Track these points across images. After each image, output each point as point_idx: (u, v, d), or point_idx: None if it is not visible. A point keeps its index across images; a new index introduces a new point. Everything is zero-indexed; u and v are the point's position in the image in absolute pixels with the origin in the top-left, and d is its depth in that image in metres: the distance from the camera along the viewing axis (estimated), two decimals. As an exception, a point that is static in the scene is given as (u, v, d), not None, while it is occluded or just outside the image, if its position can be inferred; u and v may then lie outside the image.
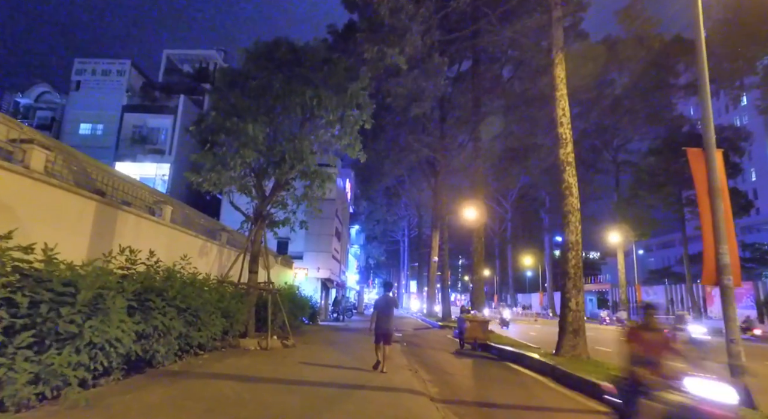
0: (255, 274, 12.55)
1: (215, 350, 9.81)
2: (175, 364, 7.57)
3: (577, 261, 11.52)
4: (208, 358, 8.80)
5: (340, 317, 29.65)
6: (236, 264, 12.94)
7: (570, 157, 12.15)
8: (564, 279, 11.51)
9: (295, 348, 11.95)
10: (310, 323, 23.14)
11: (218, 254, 13.07)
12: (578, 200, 11.97)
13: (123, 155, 31.63)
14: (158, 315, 6.34)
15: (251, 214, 12.94)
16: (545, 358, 10.73)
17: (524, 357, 11.84)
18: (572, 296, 11.28)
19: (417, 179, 43.65)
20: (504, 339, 17.68)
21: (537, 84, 30.15)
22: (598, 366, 9.54)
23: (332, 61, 12.25)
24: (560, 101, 12.45)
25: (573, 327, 11.05)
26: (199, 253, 11.66)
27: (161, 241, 9.47)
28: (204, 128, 11.09)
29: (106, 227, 7.55)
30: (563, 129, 12.28)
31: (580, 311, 11.27)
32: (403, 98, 22.71)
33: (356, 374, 8.47)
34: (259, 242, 12.73)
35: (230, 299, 10.07)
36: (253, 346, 11.02)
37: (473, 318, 15.88)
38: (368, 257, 70.09)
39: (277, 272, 20.69)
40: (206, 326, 8.42)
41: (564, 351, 10.91)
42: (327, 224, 29.15)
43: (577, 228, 11.74)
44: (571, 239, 11.63)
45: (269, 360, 9.36)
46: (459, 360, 12.82)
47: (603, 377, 8.02)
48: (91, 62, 32.63)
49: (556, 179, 12.33)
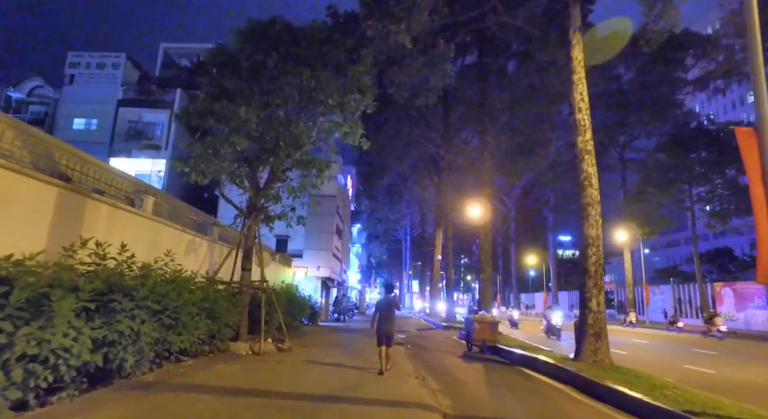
0: (248, 272, 11.64)
1: (201, 355, 8.90)
2: (150, 373, 6.66)
3: (598, 258, 10.56)
4: (191, 365, 7.88)
5: (341, 317, 28.73)
6: (228, 261, 12.04)
7: (589, 145, 11.20)
8: (583, 277, 10.55)
9: (291, 352, 11.03)
10: (309, 323, 22.24)
11: (209, 250, 12.15)
12: (598, 192, 11.01)
13: (118, 150, 30.75)
14: (125, 318, 5.40)
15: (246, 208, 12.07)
16: (564, 364, 9.79)
17: (539, 362, 10.90)
18: (593, 295, 10.32)
19: (420, 176, 42.71)
20: (513, 340, 16.75)
21: (543, 79, 29.26)
22: (625, 374, 8.60)
23: (332, 41, 11.32)
24: (578, 85, 11.50)
25: (594, 329, 10.10)
26: (186, 249, 10.74)
27: (141, 235, 8.56)
28: (192, 113, 10.16)
29: (72, 218, 6.63)
30: (581, 115, 11.33)
31: (602, 312, 10.31)
32: (407, 90, 21.72)
33: (358, 383, 7.55)
34: (253, 238, 11.80)
35: (218, 299, 9.14)
36: (244, 350, 10.10)
37: (482, 319, 14.94)
38: (370, 256, 69.18)
39: (275, 270, 19.77)
40: (189, 329, 7.49)
41: (584, 356, 9.96)
42: (327, 222, 28.24)
43: (598, 222, 10.79)
44: (590, 234, 10.68)
45: (260, 366, 8.43)
46: (468, 364, 11.88)
47: (641, 390, 7.10)
48: (85, 55, 31.74)
49: (574, 169, 11.36)
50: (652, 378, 8.15)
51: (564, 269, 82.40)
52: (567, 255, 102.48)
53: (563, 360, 10.50)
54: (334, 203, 28.63)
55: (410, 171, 42.30)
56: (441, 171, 34.33)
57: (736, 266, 51.30)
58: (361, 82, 11.48)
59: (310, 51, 10.73)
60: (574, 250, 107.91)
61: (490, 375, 10.04)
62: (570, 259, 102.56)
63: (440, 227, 36.71)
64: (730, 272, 50.40)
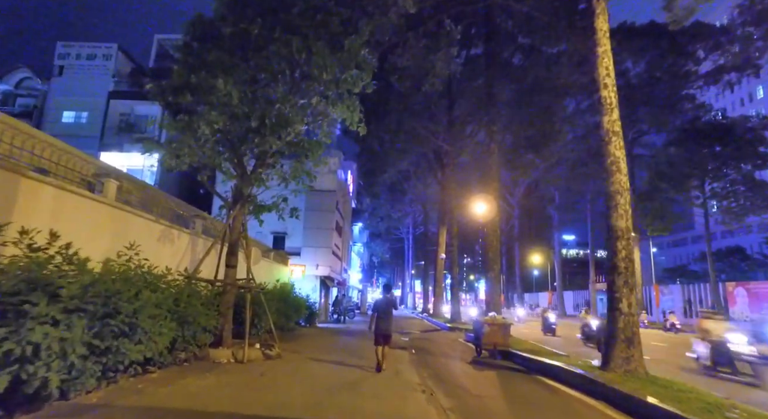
0: (233, 269, 10.38)
1: (174, 365, 7.65)
2: (97, 392, 5.41)
3: (629, 252, 9.28)
4: (155, 378, 6.63)
5: (341, 318, 27.46)
6: (211, 257, 10.81)
7: (616, 125, 9.93)
8: (612, 275, 9.27)
9: (280, 358, 9.78)
10: (307, 325, 21.00)
11: (190, 244, 10.90)
12: (627, 178, 9.73)
13: (108, 144, 29.55)
14: (41, 325, 4.15)
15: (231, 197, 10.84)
16: (592, 374, 8.51)
17: (561, 371, 9.63)
18: (623, 295, 9.04)
19: (423, 173, 41.50)
20: (524, 343, 15.47)
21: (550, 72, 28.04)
22: (667, 388, 7.33)
23: (326, 10, 10.04)
24: (603, 59, 10.23)
25: (625, 334, 8.81)
26: (161, 242, 9.49)
27: (100, 224, 7.32)
28: (166, 88, 8.91)
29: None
30: (608, 92, 10.05)
31: (634, 314, 9.03)
32: (410, 77, 20.50)
33: (353, 401, 6.31)
34: (239, 230, 10.56)
35: (192, 299, 7.89)
36: (226, 358, 8.85)
37: (493, 321, 13.65)
38: (372, 255, 67.96)
39: (269, 268, 18.54)
40: (152, 336, 6.24)
41: (615, 365, 8.68)
42: (327, 218, 26.98)
43: (627, 212, 9.50)
44: (619, 226, 9.39)
45: (239, 379, 7.17)
46: (480, 372, 10.62)
47: (696, 411, 5.82)
48: (75, 46, 30.53)
49: (599, 153, 10.09)
50: (702, 395, 6.87)
51: (569, 268, 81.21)
52: (571, 255, 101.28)
53: (590, 369, 9.21)
54: (334, 199, 27.37)
55: (413, 167, 41.10)
56: (444, 167, 33.09)
57: (748, 265, 49.96)
58: (359, 57, 10.22)
59: (301, 18, 9.47)
60: (578, 249, 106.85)
61: (507, 387, 8.78)
62: (575, 258, 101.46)
63: (444, 224, 35.43)
64: (741, 271, 49.09)
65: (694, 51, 37.07)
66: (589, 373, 8.59)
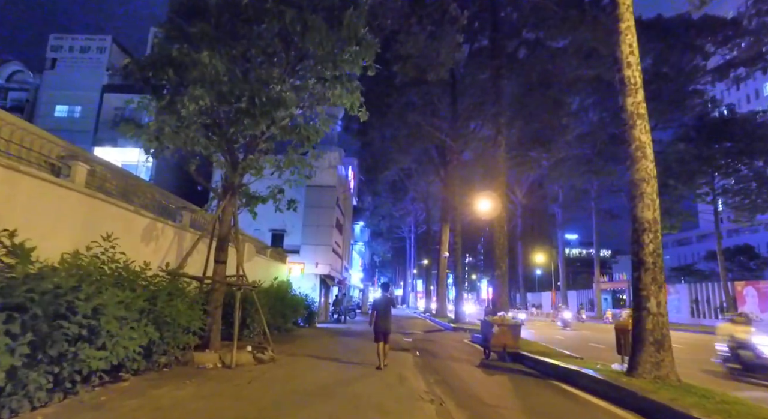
0: (222, 265, 9.55)
1: (151, 371, 6.81)
2: (52, 406, 4.57)
3: (656, 246, 8.41)
4: (127, 388, 5.80)
5: (341, 318, 26.59)
6: (200, 252, 9.99)
7: (641, 107, 9.05)
8: (638, 271, 8.40)
9: (273, 363, 8.93)
10: (306, 325, 20.16)
11: (177, 239, 10.05)
12: (653, 165, 8.86)
13: (103, 139, 28.77)
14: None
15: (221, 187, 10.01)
16: (618, 381, 7.64)
17: (580, 376, 8.77)
18: (651, 293, 8.17)
19: (425, 170, 40.63)
20: (534, 345, 14.63)
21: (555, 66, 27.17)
22: (709, 398, 6.45)
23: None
24: (625, 35, 9.35)
25: (654, 336, 7.94)
26: (143, 236, 8.64)
27: (66, 213, 6.46)
28: (144, 64, 8.06)
29: None
30: (631, 71, 9.18)
31: (663, 314, 8.15)
32: (413, 67, 19.64)
33: (354, 415, 5.45)
34: (229, 223, 9.72)
35: (174, 298, 7.04)
36: (212, 363, 8.01)
37: (502, 322, 12.80)
38: (373, 254, 67.13)
39: (266, 266, 17.69)
40: (120, 340, 5.40)
41: (643, 371, 7.81)
42: (327, 214, 26.11)
43: (654, 201, 8.64)
44: (646, 217, 8.52)
45: (223, 389, 6.32)
46: (490, 377, 9.76)
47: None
48: (68, 38, 29.74)
49: (622, 138, 9.21)
50: (752, 408, 6.01)
51: (572, 268, 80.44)
52: (574, 254, 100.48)
53: (613, 374, 8.35)
54: (334, 195, 26.49)
55: (415, 165, 40.27)
56: (447, 164, 32.25)
57: (757, 264, 49.00)
58: (359, 34, 9.36)
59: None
60: (581, 248, 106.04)
61: (522, 395, 7.91)
62: (577, 258, 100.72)
63: (447, 222, 34.55)
64: (750, 270, 48.14)
65: (702, 45, 36.17)
66: (615, 380, 7.72)
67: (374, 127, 30.27)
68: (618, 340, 10.49)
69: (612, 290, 64.29)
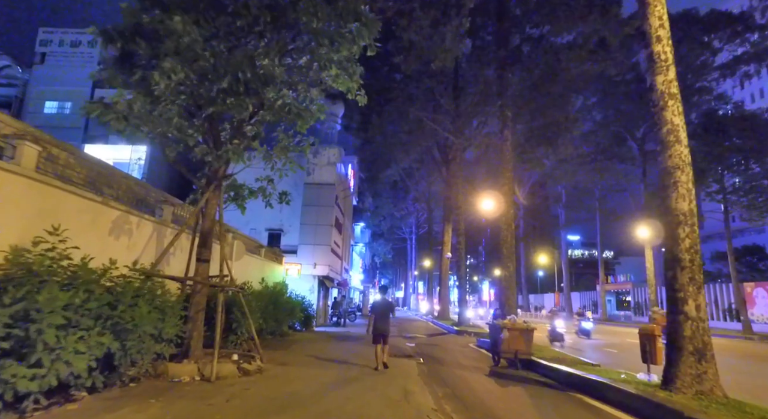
0: (206, 264, 8.56)
1: (113, 386, 5.82)
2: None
3: (694, 241, 7.43)
4: (75, 411, 4.80)
5: (340, 321, 25.57)
6: (184, 250, 9.05)
7: (673, 87, 8.07)
8: (673, 269, 7.40)
9: (261, 374, 7.93)
10: (303, 329, 19.16)
11: (155, 235, 9.06)
12: (688, 150, 7.87)
13: (94, 136, 27.83)
14: None
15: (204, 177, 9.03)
16: (655, 396, 6.64)
17: (607, 388, 7.77)
18: (689, 295, 7.17)
19: (427, 169, 39.71)
20: (546, 350, 13.65)
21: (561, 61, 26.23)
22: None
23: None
24: (655, 6, 8.36)
25: (694, 344, 6.94)
26: (114, 231, 7.65)
27: (12, 202, 5.47)
28: (113, 34, 7.08)
29: None
30: (661, 46, 8.19)
31: (704, 319, 7.15)
32: (416, 57, 18.68)
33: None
34: (213, 217, 8.74)
35: (140, 302, 6.05)
36: (189, 375, 7.01)
37: (513, 326, 11.80)
38: (374, 256, 66.11)
39: (260, 266, 16.71)
40: (61, 353, 4.41)
41: (682, 384, 6.81)
42: (325, 213, 25.10)
43: (690, 191, 7.66)
44: (681, 208, 7.54)
45: (193, 409, 5.32)
46: (504, 388, 8.76)
47: None
48: (58, 32, 28.77)
49: (651, 121, 8.22)
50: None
51: (575, 269, 79.45)
52: (576, 255, 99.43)
53: (647, 387, 7.34)
54: (333, 193, 25.48)
55: (416, 164, 39.33)
56: (450, 162, 31.29)
57: (766, 265, 47.95)
58: (357, 8, 8.38)
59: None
60: (584, 250, 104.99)
61: (545, 412, 6.91)
62: (580, 259, 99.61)
63: (449, 222, 33.58)
64: (759, 271, 47.07)
65: (709, 41, 35.31)
66: (651, 395, 6.72)
67: (375, 123, 29.34)
68: (643, 347, 9.47)
69: (616, 292, 63.31)
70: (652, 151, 41.22)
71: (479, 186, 32.82)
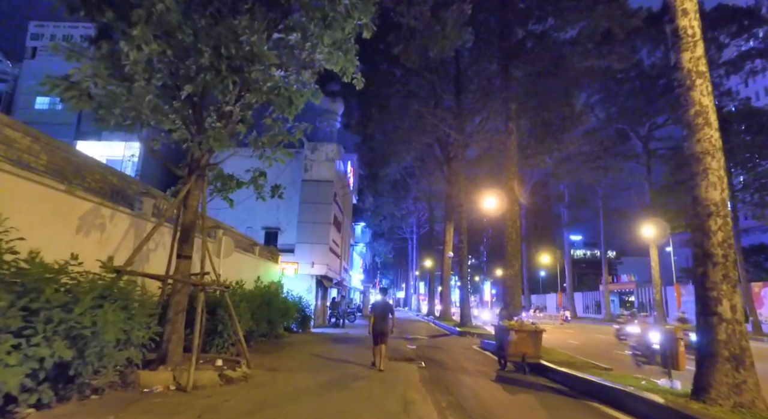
0: (187, 260, 7.81)
1: (69, 400, 5.07)
2: None
3: (727, 235, 6.67)
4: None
5: (339, 322, 24.80)
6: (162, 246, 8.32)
7: (701, 64, 7.30)
8: (703, 266, 6.64)
9: (246, 382, 7.17)
10: (299, 331, 18.41)
11: (134, 230, 8.30)
12: (719, 134, 7.10)
13: (86, 132, 27.14)
14: None
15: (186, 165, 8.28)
16: (688, 408, 5.87)
17: (629, 397, 7.01)
18: (723, 294, 6.41)
19: (428, 168, 38.97)
20: (554, 353, 12.91)
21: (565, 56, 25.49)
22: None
23: None
24: (681, -24, 7.60)
25: (730, 350, 6.18)
26: (82, 224, 6.88)
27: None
28: (76, 1, 6.34)
29: None
30: (688, 20, 7.43)
31: (740, 321, 6.38)
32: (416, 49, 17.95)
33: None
34: (195, 209, 7.98)
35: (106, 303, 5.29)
36: (162, 384, 6.25)
37: (520, 327, 11.06)
38: (374, 256, 65.36)
39: (254, 265, 15.96)
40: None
41: (718, 395, 6.05)
42: (323, 210, 24.33)
43: (722, 178, 6.89)
44: (712, 198, 6.78)
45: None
46: (514, 396, 8.00)
47: None
48: (50, 26, 28.07)
49: (678, 103, 7.44)
50: None
51: (577, 269, 78.70)
52: (578, 255, 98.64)
53: (677, 398, 6.57)
54: (331, 190, 24.71)
55: (418, 163, 38.59)
56: (451, 160, 30.58)
57: (773, 265, 47.18)
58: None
59: None
60: (585, 250, 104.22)
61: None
62: (582, 259, 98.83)
63: (451, 221, 32.84)
64: (767, 271, 46.26)
65: (715, 36, 34.57)
66: (683, 407, 5.95)
67: (375, 119, 28.61)
68: (663, 351, 8.73)
69: (618, 292, 62.56)
70: (657, 149, 40.53)
71: (481, 185, 32.00)
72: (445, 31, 14.96)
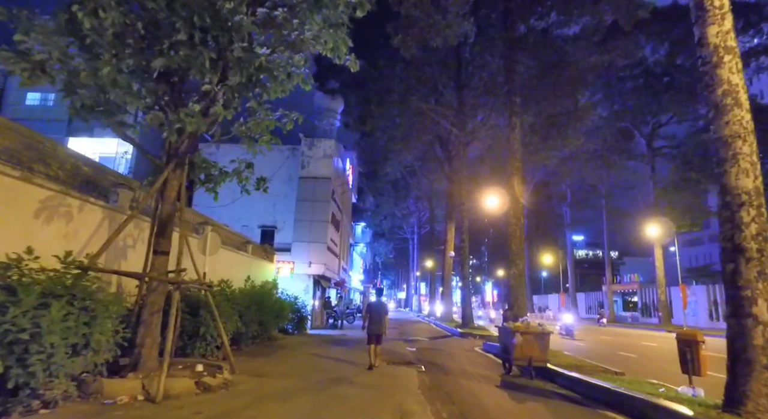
0: (164, 256, 7.13)
1: (9, 415, 4.38)
2: None
3: (762, 227, 5.97)
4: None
5: (336, 323, 24.11)
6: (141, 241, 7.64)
7: (730, 39, 6.62)
8: (735, 262, 5.94)
9: (225, 390, 6.48)
10: (295, 332, 17.73)
11: (107, 223, 7.60)
12: (750, 116, 6.41)
13: (78, 129, 26.46)
14: None
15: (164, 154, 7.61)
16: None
17: (651, 408, 6.31)
18: (758, 293, 5.71)
19: (429, 167, 38.29)
20: (561, 356, 12.20)
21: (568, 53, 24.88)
22: None
23: None
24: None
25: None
26: (42, 215, 6.19)
27: None
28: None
29: None
30: (714, -7, 6.74)
31: (779, 323, 5.69)
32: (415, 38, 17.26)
33: None
34: (174, 201, 7.30)
35: (54, 305, 4.60)
36: (128, 394, 5.56)
37: (526, 329, 10.37)
38: (375, 256, 64.72)
39: (246, 264, 15.27)
40: None
41: (755, 407, 5.34)
42: (321, 208, 23.63)
43: (755, 165, 6.20)
44: (744, 186, 6.08)
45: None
46: (521, 404, 7.29)
47: None
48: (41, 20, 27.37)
49: (704, 82, 6.74)
50: None
51: (579, 269, 77.95)
52: (581, 255, 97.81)
53: (709, 410, 5.85)
54: (329, 187, 24.00)
55: (418, 162, 37.92)
56: (452, 158, 29.89)
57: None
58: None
59: None
60: (587, 250, 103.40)
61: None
62: (584, 259, 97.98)
63: (452, 220, 32.11)
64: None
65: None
66: (712, 418, 5.25)
67: (374, 116, 27.91)
68: (683, 355, 7.99)
69: (621, 293, 61.82)
70: (661, 147, 39.83)
71: (483, 184, 31.30)
72: (446, 20, 14.25)
